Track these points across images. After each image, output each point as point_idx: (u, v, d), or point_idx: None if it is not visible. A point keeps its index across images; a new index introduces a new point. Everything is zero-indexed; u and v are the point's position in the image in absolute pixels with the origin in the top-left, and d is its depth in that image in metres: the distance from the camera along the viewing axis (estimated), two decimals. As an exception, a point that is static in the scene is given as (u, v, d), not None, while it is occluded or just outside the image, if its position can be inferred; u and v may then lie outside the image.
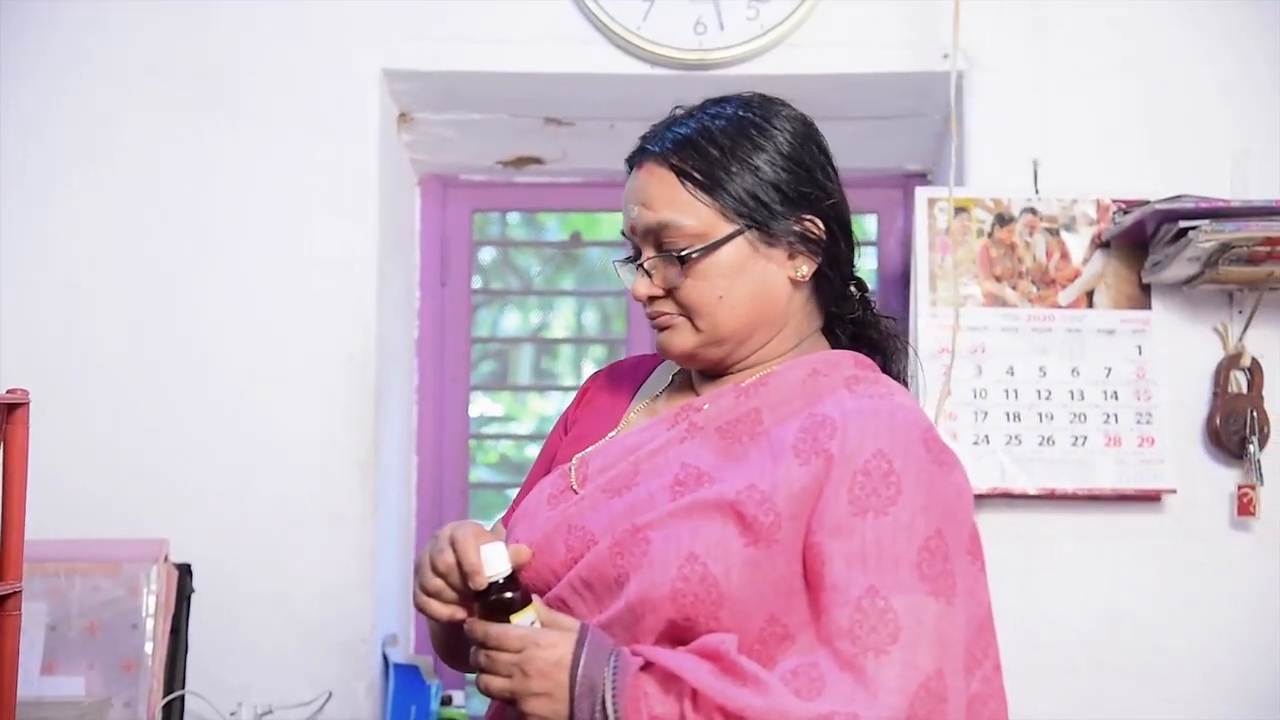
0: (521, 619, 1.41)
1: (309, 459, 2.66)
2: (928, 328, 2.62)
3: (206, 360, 2.67)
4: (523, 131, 2.95)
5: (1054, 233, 2.65)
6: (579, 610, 1.45)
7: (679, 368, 1.62)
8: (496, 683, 1.40)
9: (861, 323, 1.59)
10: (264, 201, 2.70)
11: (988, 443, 2.59)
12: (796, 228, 1.50)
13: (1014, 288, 2.64)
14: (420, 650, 2.95)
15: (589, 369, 3.32)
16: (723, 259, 1.49)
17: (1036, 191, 2.67)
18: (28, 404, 1.66)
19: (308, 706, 2.58)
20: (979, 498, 2.58)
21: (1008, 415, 2.60)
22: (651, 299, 1.53)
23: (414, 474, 3.00)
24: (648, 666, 1.37)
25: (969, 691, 1.40)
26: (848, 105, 2.83)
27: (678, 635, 1.40)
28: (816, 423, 1.43)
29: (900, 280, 2.96)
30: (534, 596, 1.45)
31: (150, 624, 2.50)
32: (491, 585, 1.41)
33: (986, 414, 2.60)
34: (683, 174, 1.49)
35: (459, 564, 1.43)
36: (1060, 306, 2.63)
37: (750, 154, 1.50)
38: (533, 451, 3.31)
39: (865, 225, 3.16)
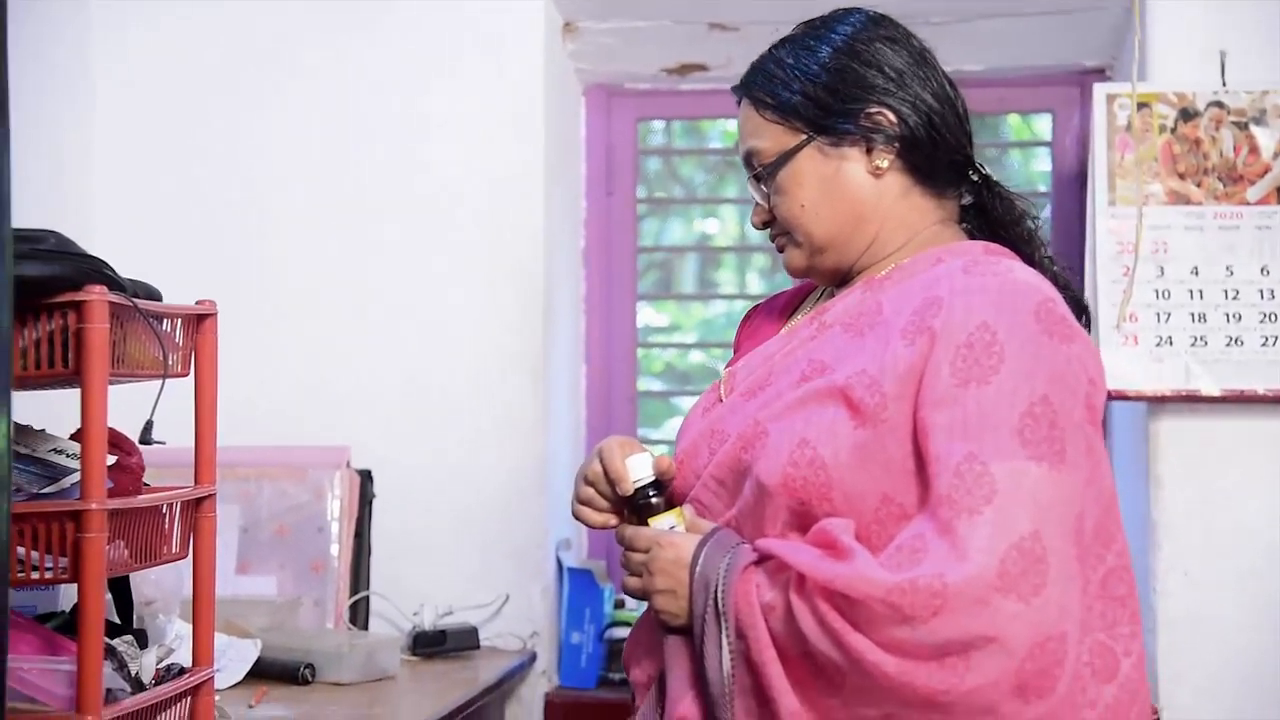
0: (660, 522, 1.50)
1: (481, 368, 2.71)
2: (1107, 228, 2.53)
3: (382, 272, 2.74)
4: (687, 38, 2.92)
5: (1242, 127, 2.53)
6: (715, 507, 1.52)
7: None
8: (631, 582, 1.51)
9: (986, 207, 1.59)
10: (433, 115, 2.73)
11: (1171, 344, 2.51)
12: (865, 122, 1.52)
13: (1198, 185, 2.54)
14: (593, 555, 3.00)
15: (752, 278, 3.31)
16: (796, 170, 1.55)
17: (1224, 84, 2.55)
18: (215, 314, 1.71)
19: (486, 608, 2.65)
20: (1161, 400, 2.51)
21: (1192, 316, 2.51)
22: (765, 225, 1.61)
23: (583, 382, 3.04)
24: (763, 560, 1.42)
25: (1105, 565, 1.39)
26: (1022, 1, 2.73)
27: (798, 523, 1.43)
28: (926, 304, 1.44)
29: (1077, 180, 2.86)
30: (685, 505, 1.53)
31: (335, 527, 2.60)
32: (636, 491, 1.51)
33: (1169, 315, 2.51)
34: (756, 101, 1.57)
35: (605, 473, 1.53)
36: (1249, 203, 2.52)
37: (803, 63, 1.55)
38: (698, 359, 3.32)
39: (1038, 125, 3.06)
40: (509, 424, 2.70)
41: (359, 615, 2.63)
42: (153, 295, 1.63)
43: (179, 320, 1.67)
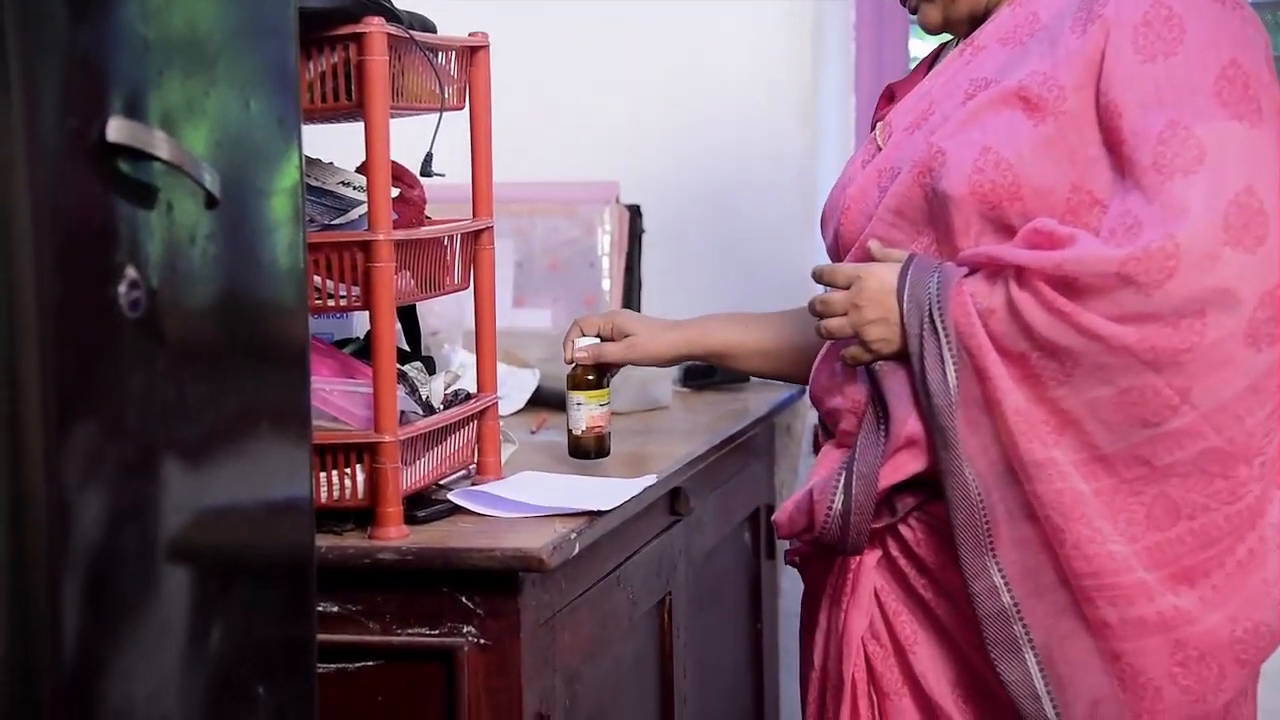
0: (573, 396, 1.81)
1: (748, 101, 2.67)
2: None
3: (647, 6, 2.69)
4: None
5: None
6: (894, 239, 1.56)
7: None
8: (834, 323, 1.53)
9: None
10: None
11: None
12: None
13: None
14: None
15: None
16: None
17: None
18: (488, 46, 1.71)
19: (755, 342, 2.67)
20: None
21: None
22: None
23: (853, 115, 2.95)
24: (971, 273, 1.46)
25: None
26: None
27: (991, 230, 1.46)
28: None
29: None
30: (871, 240, 1.57)
31: (606, 262, 2.64)
32: (574, 365, 1.82)
33: None
34: None
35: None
36: None
37: None
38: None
39: None
40: (776, 158, 2.67)
41: (631, 351, 2.68)
42: (427, 27, 1.64)
43: (453, 52, 1.67)
